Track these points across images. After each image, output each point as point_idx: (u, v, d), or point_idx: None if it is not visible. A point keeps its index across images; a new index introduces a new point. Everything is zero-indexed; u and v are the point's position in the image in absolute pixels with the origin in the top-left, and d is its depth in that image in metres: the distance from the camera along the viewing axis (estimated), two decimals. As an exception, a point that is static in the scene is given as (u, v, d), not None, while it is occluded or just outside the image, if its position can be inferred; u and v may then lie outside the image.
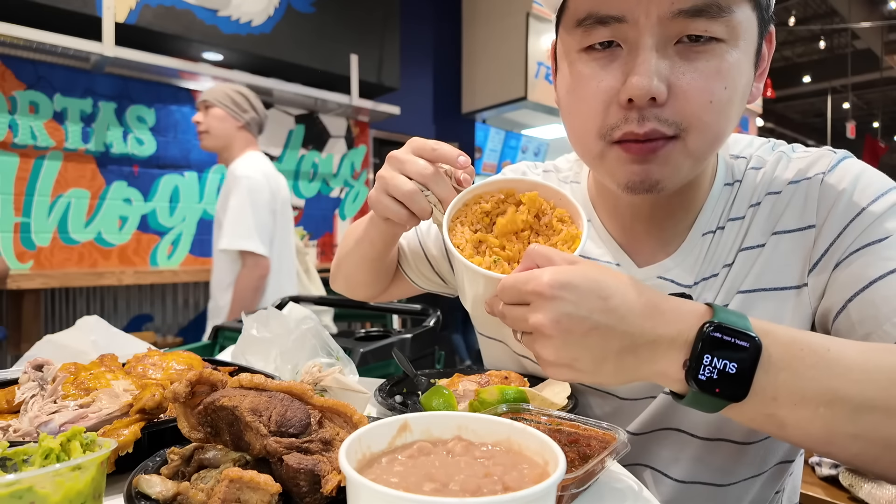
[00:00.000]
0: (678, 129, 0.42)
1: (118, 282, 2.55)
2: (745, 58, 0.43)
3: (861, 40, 7.59)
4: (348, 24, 3.32)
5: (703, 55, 0.41)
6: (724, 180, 0.52)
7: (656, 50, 0.40)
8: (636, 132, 0.42)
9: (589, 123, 0.45)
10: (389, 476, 0.27)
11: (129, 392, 0.50)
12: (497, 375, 0.58)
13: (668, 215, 0.53)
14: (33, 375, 0.52)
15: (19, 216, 2.60)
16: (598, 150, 0.45)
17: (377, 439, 0.29)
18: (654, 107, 0.41)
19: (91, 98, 2.76)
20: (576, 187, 0.61)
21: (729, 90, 0.41)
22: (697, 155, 0.44)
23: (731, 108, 0.43)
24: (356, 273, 0.68)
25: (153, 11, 2.59)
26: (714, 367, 0.34)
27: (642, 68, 0.40)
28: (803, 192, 0.48)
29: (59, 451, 0.34)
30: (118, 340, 0.71)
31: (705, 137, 0.43)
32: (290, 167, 3.56)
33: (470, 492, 0.25)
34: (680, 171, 0.44)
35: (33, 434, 0.45)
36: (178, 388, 0.40)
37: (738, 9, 0.40)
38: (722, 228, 0.51)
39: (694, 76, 0.41)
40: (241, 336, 0.68)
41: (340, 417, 0.41)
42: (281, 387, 0.41)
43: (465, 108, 4.52)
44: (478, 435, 0.30)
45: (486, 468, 0.27)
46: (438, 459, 0.28)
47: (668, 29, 0.40)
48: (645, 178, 0.44)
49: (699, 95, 0.41)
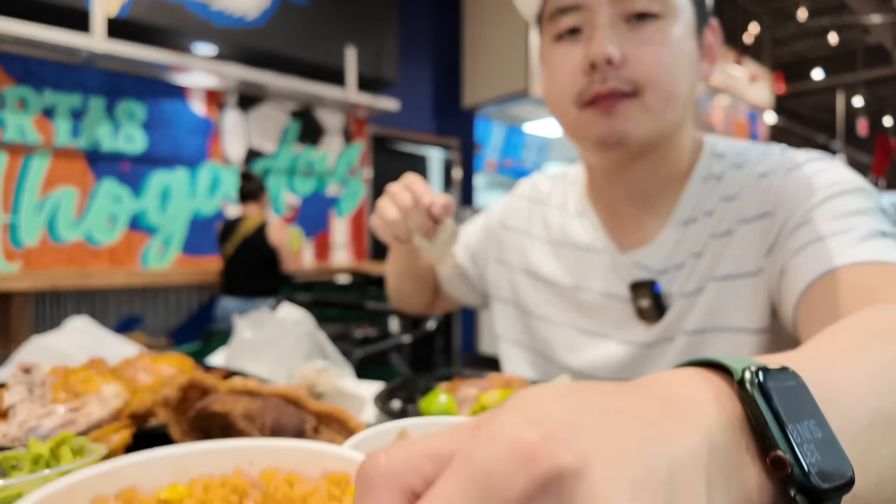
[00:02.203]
0: (635, 86, 0.51)
1: (108, 283, 2.52)
2: (686, 32, 0.52)
3: (872, 35, 7.46)
4: (345, 16, 3.28)
5: (648, 27, 0.51)
6: (703, 175, 0.58)
7: (609, 26, 0.50)
8: (600, 90, 0.51)
9: (563, 93, 0.54)
10: None
11: (120, 397, 0.49)
12: (498, 380, 0.58)
13: (649, 202, 0.59)
14: (22, 379, 0.50)
15: (7, 214, 2.56)
16: (574, 116, 0.54)
17: (375, 446, 0.29)
18: (612, 69, 0.50)
19: (81, 93, 2.72)
20: (576, 187, 0.70)
21: (674, 55, 0.51)
22: (655, 111, 0.52)
23: (678, 70, 0.52)
24: (396, 287, 0.79)
25: (145, 5, 2.55)
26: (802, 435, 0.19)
27: (598, 39, 0.50)
28: (772, 183, 0.53)
29: (49, 457, 0.33)
30: (108, 343, 0.69)
31: (659, 94, 0.51)
32: (285, 164, 3.53)
33: None
34: (641, 123, 0.52)
35: (22, 439, 0.44)
36: (170, 393, 0.39)
37: None
38: (695, 220, 0.57)
39: (643, 44, 0.50)
40: (233, 339, 0.67)
41: (337, 423, 0.40)
42: (275, 392, 0.40)
43: (466, 102, 4.47)
44: None
45: None
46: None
47: (617, 8, 0.51)
48: (612, 132, 0.52)
49: (649, 57, 0.50)
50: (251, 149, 3.36)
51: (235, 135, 3.29)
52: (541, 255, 0.70)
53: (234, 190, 3.04)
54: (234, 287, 2.66)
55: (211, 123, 3.19)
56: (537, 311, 0.69)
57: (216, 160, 3.21)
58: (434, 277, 0.80)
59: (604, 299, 0.62)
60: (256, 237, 2.63)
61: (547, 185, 0.74)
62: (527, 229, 0.72)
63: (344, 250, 3.81)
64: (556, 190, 0.72)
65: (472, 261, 0.78)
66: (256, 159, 3.38)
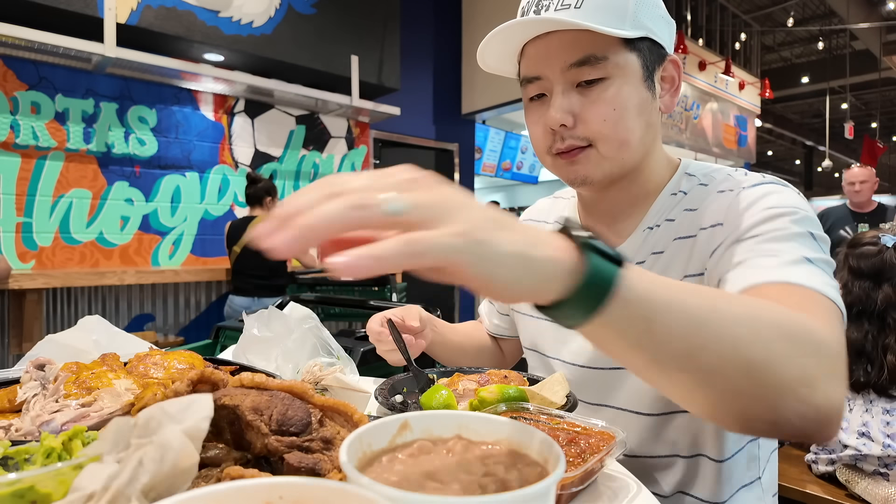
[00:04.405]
0: (588, 141, 0.60)
1: (120, 281, 2.56)
2: (631, 86, 0.59)
3: (860, 41, 7.58)
4: (349, 25, 3.33)
5: (594, 90, 0.58)
6: (671, 191, 0.66)
7: (562, 94, 0.59)
8: (560, 147, 0.61)
9: (539, 145, 0.64)
10: (390, 475, 0.27)
11: (131, 391, 0.50)
12: (497, 375, 0.58)
13: (618, 217, 0.68)
14: (35, 375, 0.52)
15: (21, 216, 2.61)
16: (550, 162, 0.64)
17: (378, 438, 0.29)
18: (566, 130, 0.59)
19: (93, 98, 2.77)
20: (571, 201, 0.79)
21: (618, 111, 0.58)
22: (609, 157, 0.60)
23: (626, 122, 0.59)
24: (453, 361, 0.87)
25: (154, 12, 2.59)
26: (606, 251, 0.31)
27: (553, 107, 0.59)
28: (723, 200, 0.59)
29: (61, 450, 0.34)
30: (120, 340, 0.71)
31: (610, 144, 0.59)
32: (291, 168, 3.56)
33: (470, 491, 0.25)
34: (600, 167, 0.61)
35: (35, 433, 0.45)
36: (180, 388, 0.40)
37: (613, 55, 0.57)
38: (658, 226, 0.65)
39: (590, 106, 0.58)
40: (242, 335, 0.69)
41: (341, 416, 0.41)
42: (282, 386, 0.41)
43: (465, 109, 4.53)
44: (478, 434, 0.30)
45: (487, 467, 0.27)
46: (438, 458, 0.28)
47: (568, 77, 0.59)
48: (576, 176, 0.62)
49: (595, 117, 0.58)
50: (258, 153, 3.40)
51: (243, 139, 3.33)
52: None
53: (242, 193, 3.08)
54: (243, 286, 2.68)
55: (220, 128, 3.23)
56: (526, 310, 0.76)
57: (225, 164, 3.25)
58: (482, 341, 0.90)
59: None
60: (263, 239, 2.65)
61: (547, 208, 0.84)
62: None
63: (349, 252, 3.84)
64: (556, 209, 0.81)
65: None
66: (263, 163, 3.42)
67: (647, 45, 0.60)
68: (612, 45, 0.57)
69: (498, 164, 5.19)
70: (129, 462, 0.28)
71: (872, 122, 9.58)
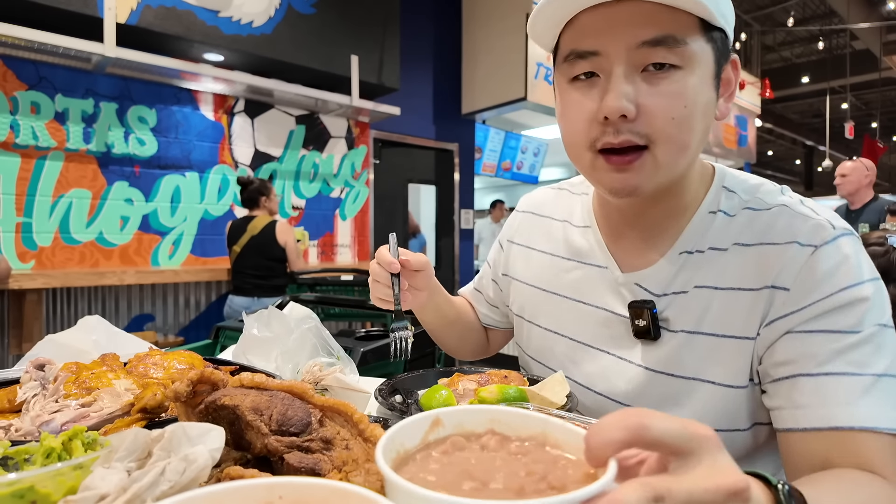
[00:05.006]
0: (647, 140, 0.50)
1: (119, 281, 2.56)
2: (703, 82, 0.51)
3: (860, 41, 7.60)
4: (349, 25, 3.33)
5: (664, 80, 0.49)
6: (710, 208, 0.58)
7: (625, 77, 0.49)
8: (612, 142, 0.51)
9: (578, 138, 0.54)
10: (426, 474, 0.26)
11: (131, 391, 0.50)
12: (497, 375, 0.58)
13: (652, 233, 0.60)
14: (35, 375, 0.52)
15: (21, 216, 2.61)
16: (589, 161, 0.54)
17: (410, 436, 0.28)
18: (625, 122, 0.50)
19: (92, 98, 2.77)
20: (584, 198, 0.70)
21: (688, 108, 0.50)
22: (666, 164, 0.52)
23: (692, 123, 0.50)
24: (441, 342, 0.83)
25: (154, 12, 2.59)
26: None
27: (614, 92, 0.49)
28: (790, 255, 0.52)
29: (61, 451, 0.33)
30: (119, 340, 0.71)
31: (671, 148, 0.51)
32: (291, 167, 3.56)
33: (514, 491, 0.24)
34: (653, 177, 0.52)
35: (35, 433, 0.45)
36: (180, 388, 0.40)
37: (692, 41, 0.49)
38: (701, 252, 0.56)
39: (657, 97, 0.49)
40: (241, 335, 0.69)
41: (341, 416, 0.41)
42: (282, 386, 0.41)
43: (465, 109, 4.53)
44: (511, 428, 0.29)
45: (526, 465, 0.26)
46: (473, 456, 0.28)
47: (634, 59, 0.49)
48: (625, 185, 0.53)
49: (662, 112, 0.49)
50: (258, 153, 3.40)
51: (243, 139, 3.33)
52: (541, 268, 0.71)
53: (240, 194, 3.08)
54: (243, 286, 2.69)
55: (220, 128, 3.23)
56: (536, 321, 0.71)
57: (225, 164, 3.25)
58: (473, 321, 0.85)
59: (603, 314, 0.62)
60: (264, 237, 2.65)
61: (551, 200, 0.76)
62: (529, 241, 0.75)
63: (348, 250, 3.84)
64: (561, 203, 0.73)
65: (493, 281, 0.82)
66: (263, 163, 3.42)
67: (721, 37, 0.52)
68: (693, 28, 0.49)
69: (498, 163, 5.19)
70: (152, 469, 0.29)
71: (873, 122, 9.60)
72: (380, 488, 0.35)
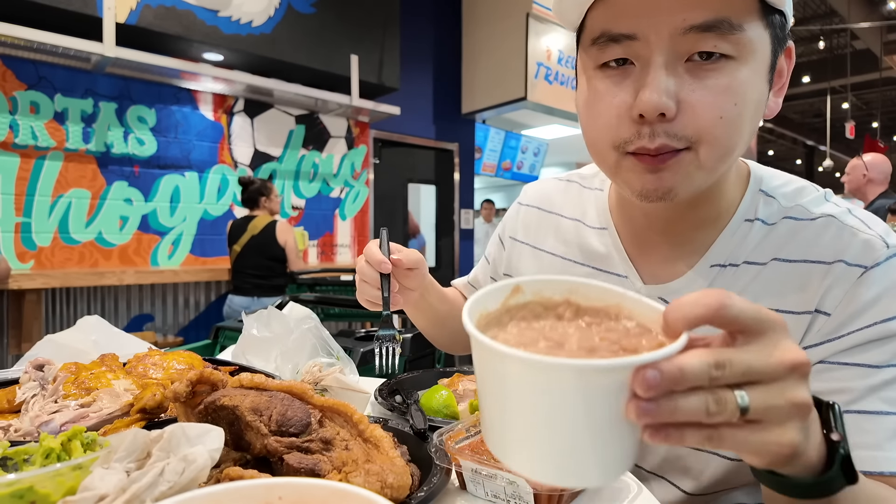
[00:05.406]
0: (689, 142, 0.43)
1: (119, 282, 2.56)
2: (757, 75, 0.43)
3: (860, 41, 7.60)
4: (348, 25, 3.32)
5: (712, 72, 0.41)
6: (745, 216, 0.51)
7: (666, 67, 0.42)
8: (647, 147, 0.43)
9: (604, 135, 0.46)
10: (508, 336, 0.27)
11: (130, 392, 0.50)
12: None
13: (680, 241, 0.53)
14: (34, 375, 0.52)
15: (20, 216, 2.61)
16: (614, 161, 0.47)
17: (492, 301, 0.29)
18: (663, 122, 0.42)
19: (92, 98, 2.77)
20: (599, 195, 0.62)
21: (739, 106, 0.42)
22: (709, 167, 0.44)
23: (742, 123, 0.43)
24: (433, 338, 0.80)
25: (153, 12, 2.59)
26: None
27: (652, 85, 0.41)
28: (835, 276, 0.46)
29: (60, 451, 0.34)
30: (119, 340, 0.71)
31: (716, 151, 0.43)
32: (291, 167, 3.56)
33: (587, 350, 0.25)
34: (692, 180, 0.45)
35: (34, 434, 0.45)
36: (179, 388, 0.40)
37: (749, 27, 0.41)
38: (735, 266, 0.50)
39: (703, 93, 0.42)
40: (241, 336, 0.69)
41: (341, 417, 0.41)
42: (281, 386, 0.41)
43: (465, 109, 4.53)
44: (588, 299, 0.30)
45: (600, 333, 0.27)
46: (550, 321, 0.28)
47: (679, 46, 0.41)
48: (658, 186, 0.45)
49: (709, 111, 0.42)
50: (258, 152, 3.40)
51: (243, 139, 3.33)
52: (553, 272, 0.64)
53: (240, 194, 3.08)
54: (242, 286, 2.69)
55: (219, 128, 3.23)
56: None
57: (224, 164, 3.25)
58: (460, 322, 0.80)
59: None
60: (264, 237, 2.65)
61: (559, 194, 0.67)
62: (536, 241, 0.67)
63: (347, 250, 3.85)
64: (571, 198, 0.65)
65: (492, 279, 0.76)
66: (263, 163, 3.42)
67: (780, 21, 0.44)
68: (752, 11, 0.41)
69: (498, 163, 5.19)
70: (151, 470, 0.30)
71: (873, 122, 9.62)
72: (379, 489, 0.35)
